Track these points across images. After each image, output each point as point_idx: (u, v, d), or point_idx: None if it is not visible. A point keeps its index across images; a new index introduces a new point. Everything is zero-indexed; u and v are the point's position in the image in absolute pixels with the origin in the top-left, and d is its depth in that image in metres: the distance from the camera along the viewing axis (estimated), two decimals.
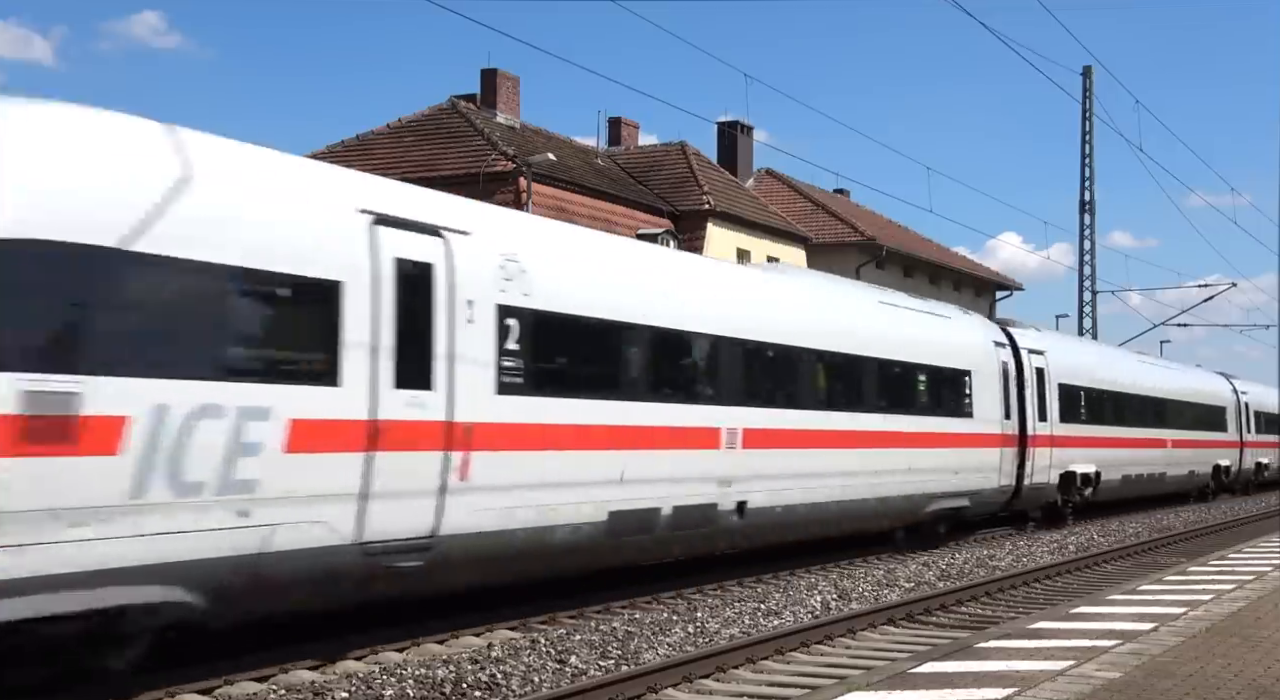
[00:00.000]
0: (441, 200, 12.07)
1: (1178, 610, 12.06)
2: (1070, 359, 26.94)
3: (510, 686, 9.60)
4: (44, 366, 8.00)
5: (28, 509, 7.83)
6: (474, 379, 11.21)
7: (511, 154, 32.33)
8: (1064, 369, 25.83)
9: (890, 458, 18.60)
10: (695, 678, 10.01)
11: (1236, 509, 34.65)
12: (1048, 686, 8.24)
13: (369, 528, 10.16)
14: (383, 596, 11.04)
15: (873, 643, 12.18)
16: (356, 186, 11.07)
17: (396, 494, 10.36)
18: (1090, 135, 45.28)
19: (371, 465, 10.14)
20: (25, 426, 7.79)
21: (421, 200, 11.63)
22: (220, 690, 9.34)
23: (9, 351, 7.89)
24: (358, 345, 10.07)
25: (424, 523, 10.70)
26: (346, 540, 10.00)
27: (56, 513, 7.98)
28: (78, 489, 8.10)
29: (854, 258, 43.26)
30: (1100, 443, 27.58)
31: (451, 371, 10.96)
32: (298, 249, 9.76)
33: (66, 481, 8.02)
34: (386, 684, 9.45)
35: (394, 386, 10.38)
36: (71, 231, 8.24)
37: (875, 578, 16.67)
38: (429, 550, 10.73)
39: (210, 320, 9.22)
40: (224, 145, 9.83)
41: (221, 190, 9.35)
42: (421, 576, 10.78)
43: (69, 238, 8.22)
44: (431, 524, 10.76)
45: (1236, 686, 8.26)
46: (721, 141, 45.08)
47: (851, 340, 17.95)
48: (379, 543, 10.25)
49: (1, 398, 7.72)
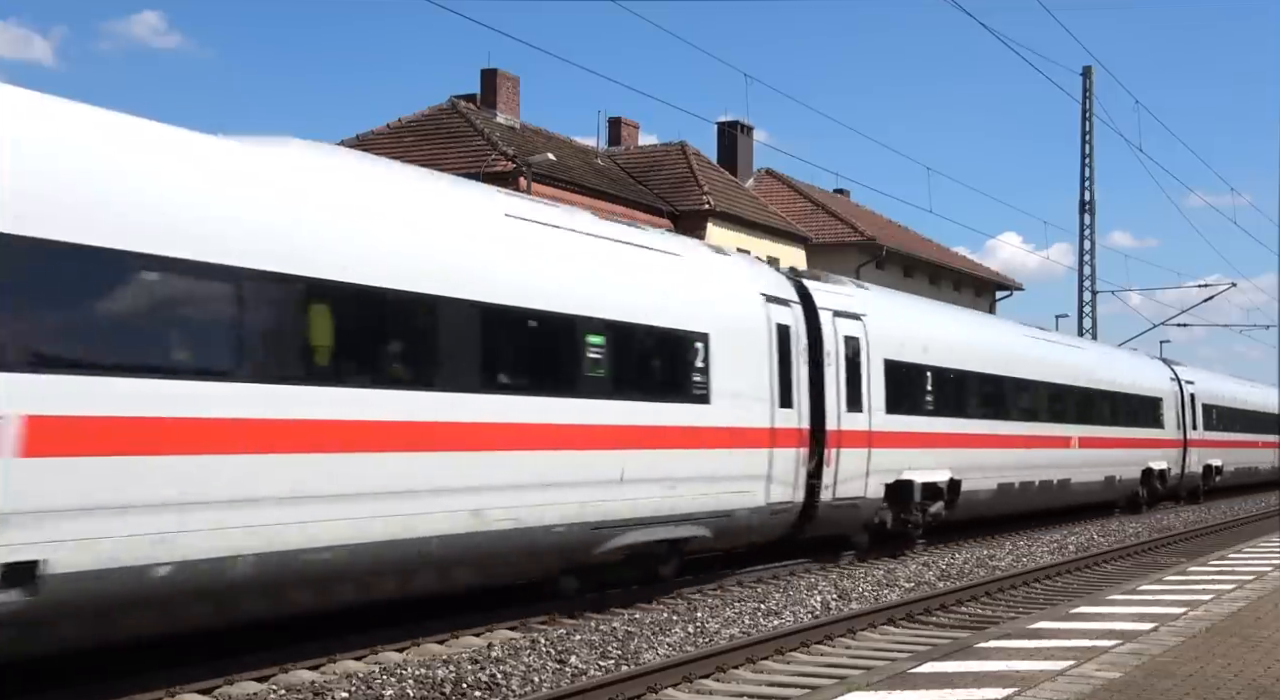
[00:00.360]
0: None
1: (1178, 610, 12.06)
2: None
3: (510, 686, 9.60)
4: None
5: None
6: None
7: (511, 154, 32.35)
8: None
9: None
10: (695, 678, 10.01)
11: (1236, 509, 34.54)
12: (1048, 686, 8.24)
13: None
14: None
15: (873, 643, 12.18)
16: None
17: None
18: (1090, 135, 45.31)
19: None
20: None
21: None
22: (220, 690, 9.34)
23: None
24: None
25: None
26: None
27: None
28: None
29: (854, 258, 43.27)
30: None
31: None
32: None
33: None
34: (386, 684, 9.45)
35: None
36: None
37: (875, 578, 16.67)
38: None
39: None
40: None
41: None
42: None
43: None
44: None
45: (1236, 686, 8.25)
46: (721, 141, 45.12)
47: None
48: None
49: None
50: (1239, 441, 41.00)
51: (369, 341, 10.65)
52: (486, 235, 12.15)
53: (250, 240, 9.51)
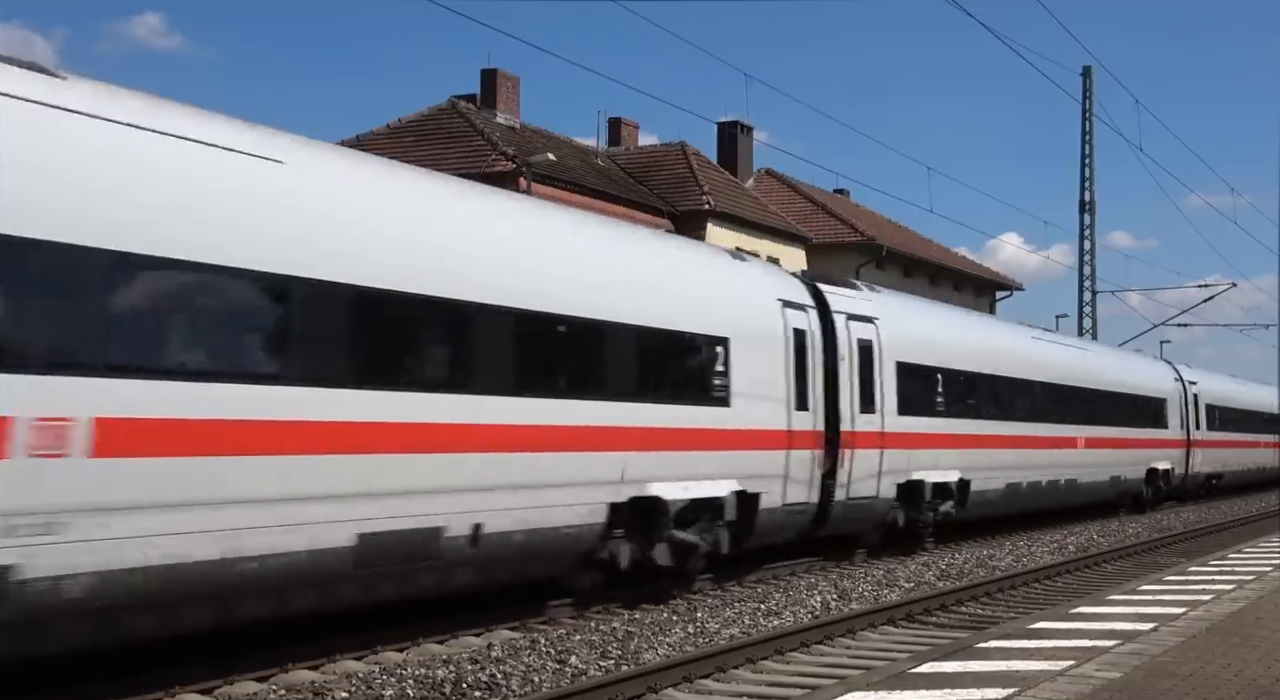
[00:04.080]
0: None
1: (1178, 610, 12.06)
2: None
3: (510, 686, 9.60)
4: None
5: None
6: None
7: (511, 154, 32.33)
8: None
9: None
10: (695, 678, 10.00)
11: (1236, 509, 34.55)
12: (1048, 686, 8.24)
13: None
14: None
15: (872, 643, 12.18)
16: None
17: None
18: (1090, 135, 45.30)
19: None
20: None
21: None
22: (220, 690, 9.34)
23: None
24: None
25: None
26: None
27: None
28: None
29: (854, 258, 43.25)
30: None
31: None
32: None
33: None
34: (386, 684, 9.45)
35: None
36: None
37: (875, 578, 16.67)
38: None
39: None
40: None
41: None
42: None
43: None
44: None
45: (1236, 686, 8.25)
46: (721, 141, 45.10)
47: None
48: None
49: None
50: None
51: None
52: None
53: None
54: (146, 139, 8.98)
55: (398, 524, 10.45)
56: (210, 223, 9.18)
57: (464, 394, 11.18)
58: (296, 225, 9.92)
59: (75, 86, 8.84)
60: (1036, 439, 24.54)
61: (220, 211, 9.30)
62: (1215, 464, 38.16)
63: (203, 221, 9.14)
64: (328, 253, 10.06)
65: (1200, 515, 31.79)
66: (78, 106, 8.61)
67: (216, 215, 9.26)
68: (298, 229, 9.91)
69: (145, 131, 8.99)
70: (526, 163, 30.42)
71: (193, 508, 8.85)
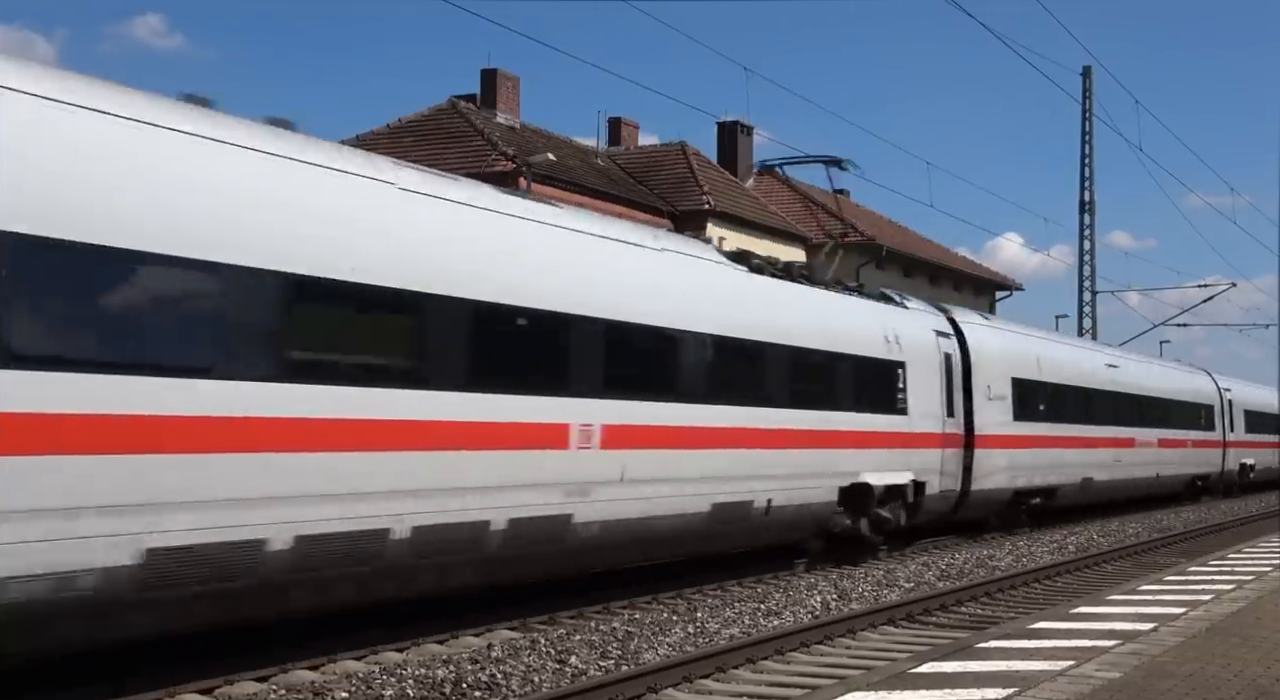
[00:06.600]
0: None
1: (1178, 610, 12.06)
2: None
3: (510, 686, 9.60)
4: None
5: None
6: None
7: (511, 154, 32.33)
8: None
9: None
10: (695, 678, 10.01)
11: (1236, 509, 34.60)
12: (1048, 686, 8.24)
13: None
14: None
15: (872, 643, 12.18)
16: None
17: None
18: (1090, 135, 45.29)
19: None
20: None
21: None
22: (220, 690, 9.34)
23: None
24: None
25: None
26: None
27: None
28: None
29: (854, 258, 43.20)
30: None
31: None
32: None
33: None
34: (386, 684, 9.45)
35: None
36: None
37: (875, 578, 16.69)
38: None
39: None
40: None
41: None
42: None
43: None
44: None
45: (1236, 686, 8.26)
46: (721, 141, 45.09)
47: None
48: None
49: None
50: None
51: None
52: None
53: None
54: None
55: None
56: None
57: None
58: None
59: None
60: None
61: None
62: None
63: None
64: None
65: (1200, 515, 31.90)
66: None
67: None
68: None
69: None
70: (526, 163, 30.42)
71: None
